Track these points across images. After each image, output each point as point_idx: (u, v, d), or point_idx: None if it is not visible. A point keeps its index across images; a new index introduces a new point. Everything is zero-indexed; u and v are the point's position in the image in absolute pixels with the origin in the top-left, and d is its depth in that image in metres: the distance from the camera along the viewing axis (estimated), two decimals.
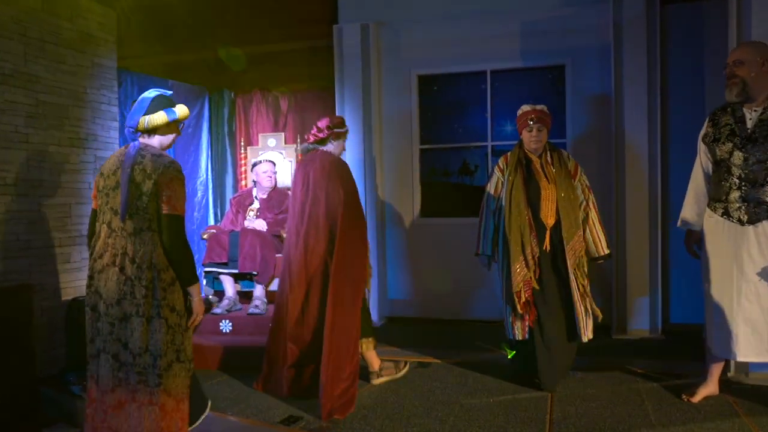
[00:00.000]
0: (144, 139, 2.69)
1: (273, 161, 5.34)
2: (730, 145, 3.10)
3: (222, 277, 4.81)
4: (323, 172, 3.46)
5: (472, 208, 5.27)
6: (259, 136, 5.79)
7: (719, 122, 3.19)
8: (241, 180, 5.67)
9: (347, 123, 5.22)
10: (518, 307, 3.50)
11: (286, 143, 5.72)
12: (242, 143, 5.77)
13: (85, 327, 2.69)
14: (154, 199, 2.56)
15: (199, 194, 5.79)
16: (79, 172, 4.35)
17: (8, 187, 3.82)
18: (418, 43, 5.29)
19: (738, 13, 3.65)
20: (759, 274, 3.04)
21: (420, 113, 5.41)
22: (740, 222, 3.08)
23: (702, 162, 3.30)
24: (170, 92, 2.79)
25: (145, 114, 2.65)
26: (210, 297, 4.90)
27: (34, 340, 3.73)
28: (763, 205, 3.02)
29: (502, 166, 3.75)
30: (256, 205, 5.21)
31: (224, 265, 4.76)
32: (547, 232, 3.55)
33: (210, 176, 5.95)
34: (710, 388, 3.37)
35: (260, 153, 5.56)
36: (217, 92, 5.93)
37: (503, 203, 3.63)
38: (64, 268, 4.21)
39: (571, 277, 3.49)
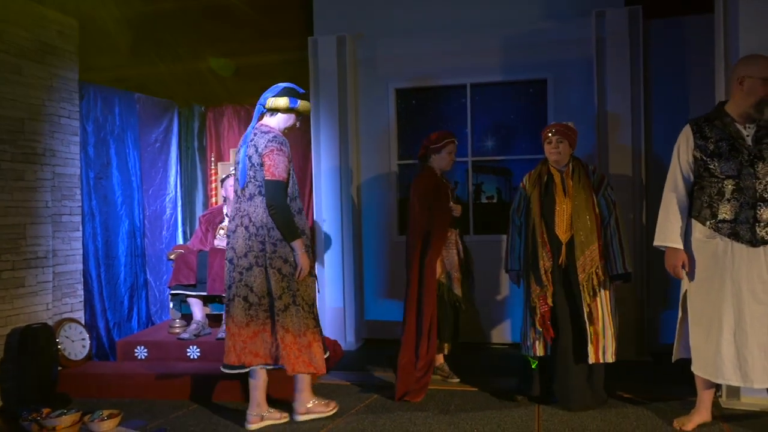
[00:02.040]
0: (265, 119, 3.31)
1: None
2: (736, 162, 2.94)
3: (190, 299, 4.57)
4: (412, 186, 3.97)
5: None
6: (231, 151, 5.57)
7: (710, 136, 3.02)
8: (212, 197, 5.43)
9: (323, 137, 5.09)
10: (536, 322, 3.49)
11: None
12: (213, 159, 5.53)
13: (34, 355, 3.52)
14: (261, 169, 3.15)
15: (168, 212, 5.53)
16: (34, 190, 4.09)
17: None
18: (396, 56, 5.13)
19: (725, 27, 3.56)
20: None
21: (398, 128, 5.25)
22: (750, 243, 2.91)
23: (684, 175, 3.11)
24: (302, 90, 3.41)
25: (274, 96, 3.27)
26: (176, 321, 4.63)
27: None
28: None
29: (524, 183, 3.72)
30: (226, 222, 4.98)
31: (192, 287, 4.52)
32: (563, 247, 3.48)
33: (179, 193, 5.70)
34: (703, 415, 3.21)
35: (231, 169, 5.33)
36: (186, 106, 5.69)
37: (524, 219, 3.64)
38: (17, 293, 3.94)
39: (583, 294, 3.42)
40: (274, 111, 3.28)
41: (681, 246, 3.10)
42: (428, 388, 3.77)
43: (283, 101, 3.25)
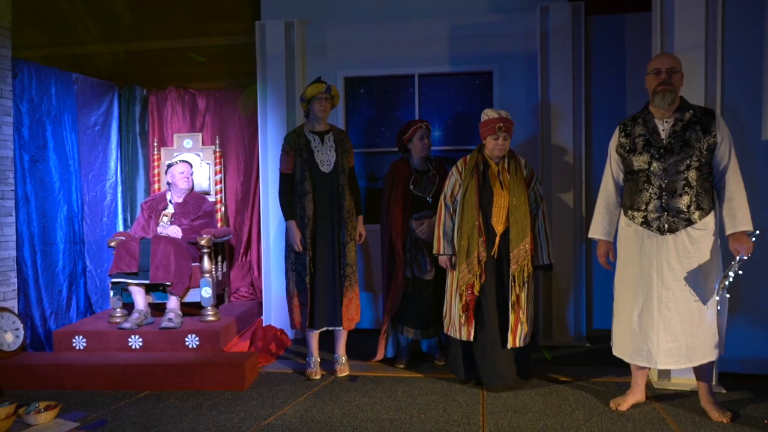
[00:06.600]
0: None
1: (189, 162, 5.03)
2: (647, 155, 3.13)
3: (132, 288, 4.44)
4: None
5: None
6: (174, 136, 5.42)
7: (632, 132, 3.21)
8: (154, 183, 5.28)
9: (270, 123, 5.02)
10: (460, 308, 3.59)
11: (203, 145, 5.39)
12: (155, 144, 5.38)
13: None
14: None
15: (108, 198, 5.34)
16: None
17: None
18: (344, 44, 5.11)
19: (662, 25, 3.71)
20: (677, 281, 3.08)
21: (346, 116, 5.24)
22: (660, 231, 3.11)
23: (613, 172, 3.32)
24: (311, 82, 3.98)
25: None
26: (117, 310, 4.50)
27: None
28: (682, 214, 3.07)
29: (460, 169, 3.73)
30: (170, 209, 4.86)
31: (134, 275, 4.40)
32: (497, 238, 3.58)
33: (119, 178, 5.51)
34: (637, 395, 3.40)
35: (175, 155, 5.21)
36: (127, 88, 5.49)
37: (457, 206, 3.66)
38: None
39: (510, 284, 3.55)
40: (307, 112, 4.00)
41: (606, 238, 3.36)
42: (376, 374, 3.82)
43: (302, 106, 4.02)
